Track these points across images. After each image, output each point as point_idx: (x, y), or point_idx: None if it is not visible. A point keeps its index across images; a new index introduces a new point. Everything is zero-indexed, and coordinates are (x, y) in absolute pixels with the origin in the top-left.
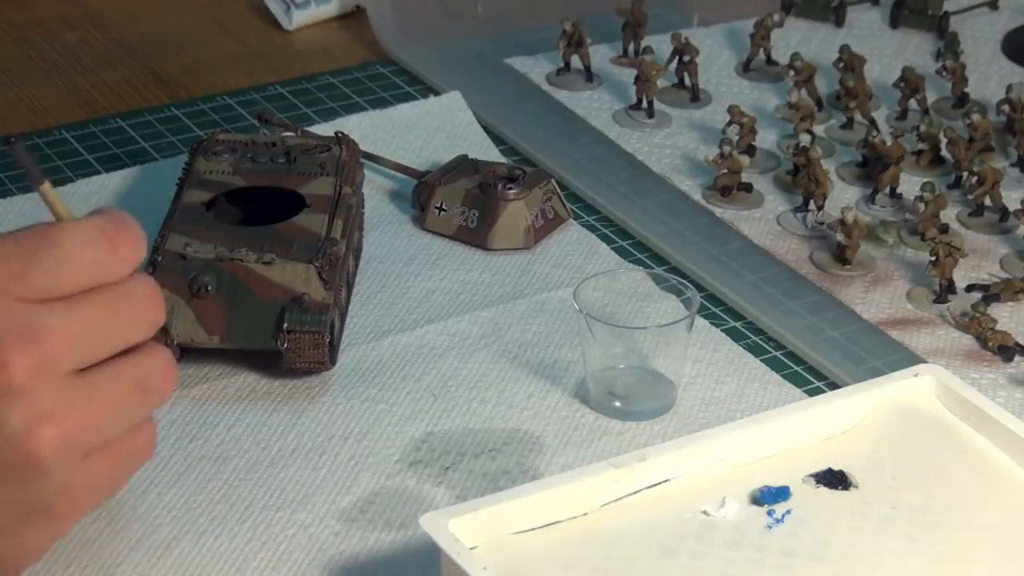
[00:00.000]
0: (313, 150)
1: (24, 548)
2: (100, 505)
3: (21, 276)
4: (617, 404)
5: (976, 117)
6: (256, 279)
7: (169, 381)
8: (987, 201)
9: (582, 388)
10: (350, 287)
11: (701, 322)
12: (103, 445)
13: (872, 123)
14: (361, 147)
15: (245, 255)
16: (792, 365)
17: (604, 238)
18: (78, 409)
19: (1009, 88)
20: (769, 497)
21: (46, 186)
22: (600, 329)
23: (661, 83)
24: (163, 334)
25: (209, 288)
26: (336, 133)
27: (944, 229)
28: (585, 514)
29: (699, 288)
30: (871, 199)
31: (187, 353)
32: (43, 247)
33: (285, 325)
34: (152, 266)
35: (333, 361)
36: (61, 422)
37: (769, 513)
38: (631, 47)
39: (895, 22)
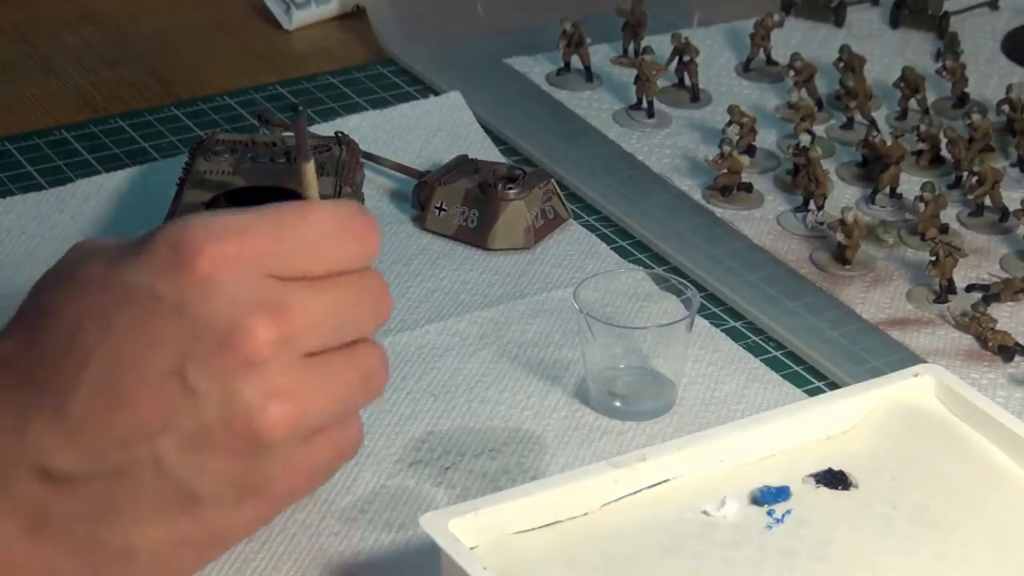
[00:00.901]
0: (313, 150)
1: (237, 525)
2: (311, 493)
3: (275, 253)
4: (617, 404)
5: (976, 117)
6: None
7: (385, 376)
8: (987, 201)
9: (582, 388)
10: None
11: (701, 322)
12: (324, 431)
13: (872, 123)
14: (361, 147)
15: None
16: (792, 365)
17: (604, 238)
18: (310, 391)
19: (1009, 88)
20: (769, 497)
21: (310, 165)
22: (600, 329)
23: (661, 83)
24: None
25: None
26: (336, 133)
27: (944, 229)
28: (585, 514)
29: (699, 288)
30: (871, 199)
31: None
32: (298, 226)
33: None
34: None
35: None
36: (293, 402)
37: (769, 513)
38: (631, 47)
39: (895, 22)
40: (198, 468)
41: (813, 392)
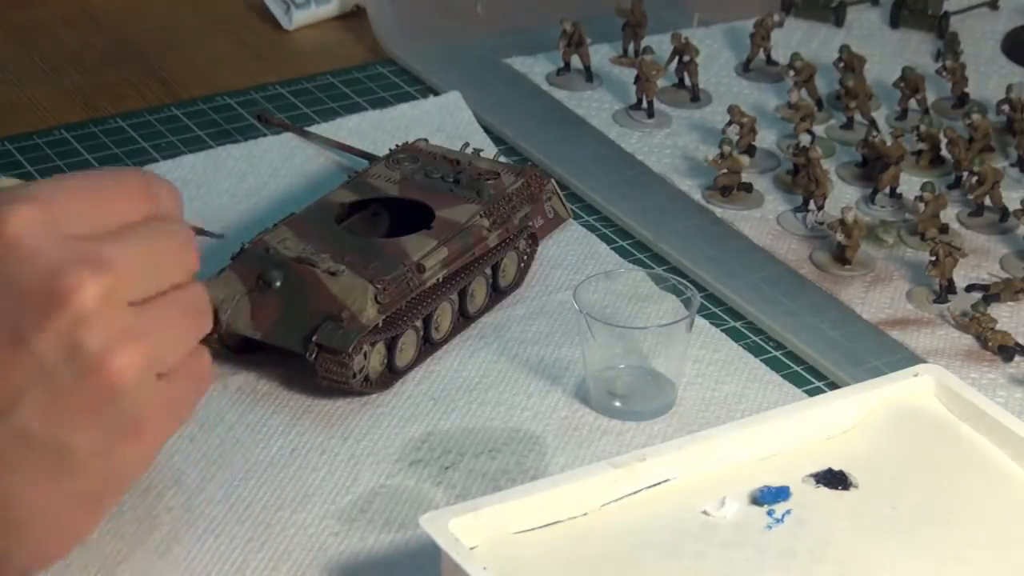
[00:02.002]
0: (483, 175)
1: (120, 469)
2: (179, 428)
3: (78, 211)
4: (617, 404)
5: (976, 117)
6: (317, 286)
7: (208, 310)
8: (987, 201)
9: (582, 388)
10: (467, 319)
11: (701, 322)
12: (173, 367)
13: (872, 123)
14: (361, 147)
15: (321, 261)
16: (792, 365)
17: (604, 238)
18: (147, 331)
19: (1009, 88)
20: (769, 497)
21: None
22: (600, 329)
23: (661, 83)
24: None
25: (276, 284)
26: (528, 166)
27: (944, 229)
28: (585, 514)
29: (699, 288)
30: (871, 199)
31: None
32: (91, 187)
33: (315, 337)
34: (240, 251)
35: (382, 386)
36: (137, 343)
37: (769, 513)
38: (631, 47)
39: (895, 22)
40: (65, 427)
41: (813, 392)
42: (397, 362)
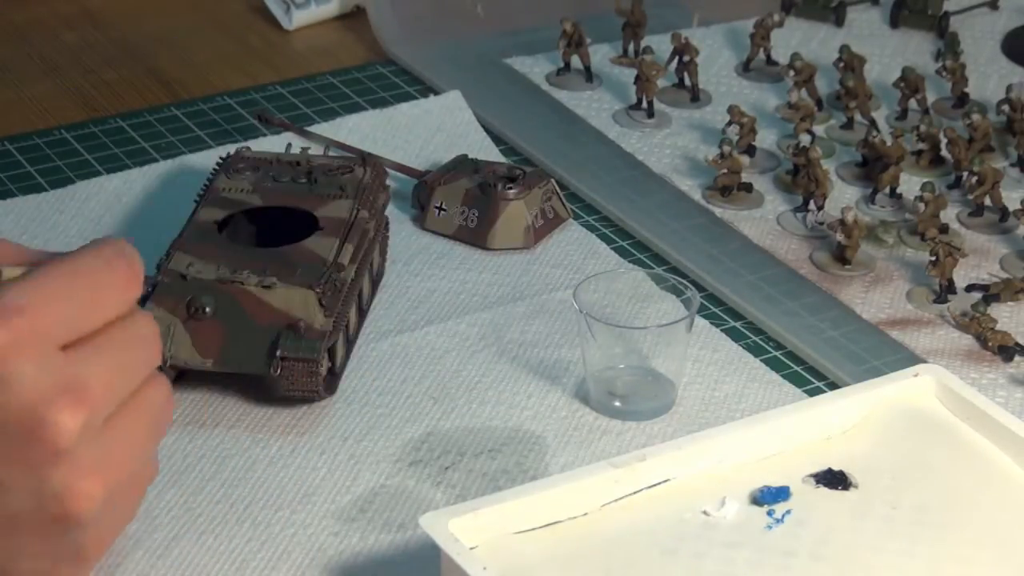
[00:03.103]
0: (336, 171)
1: None
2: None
3: (59, 320)
4: (617, 404)
5: (976, 117)
6: (255, 303)
7: (170, 411)
8: (987, 201)
9: (582, 388)
10: (363, 312)
11: (701, 322)
12: (128, 484)
13: (872, 123)
14: (361, 147)
15: (246, 277)
16: (792, 365)
17: (604, 238)
18: (113, 459)
19: (1009, 88)
20: (769, 497)
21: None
22: (600, 329)
23: (661, 83)
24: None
25: (207, 310)
26: (362, 153)
27: (944, 229)
28: (585, 514)
29: (699, 288)
30: (871, 199)
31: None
32: (73, 285)
33: (278, 352)
34: (152, 286)
35: (331, 390)
36: (101, 477)
37: (769, 513)
38: (631, 47)
39: (895, 22)
40: (11, 552)
41: (813, 392)
42: (336, 364)
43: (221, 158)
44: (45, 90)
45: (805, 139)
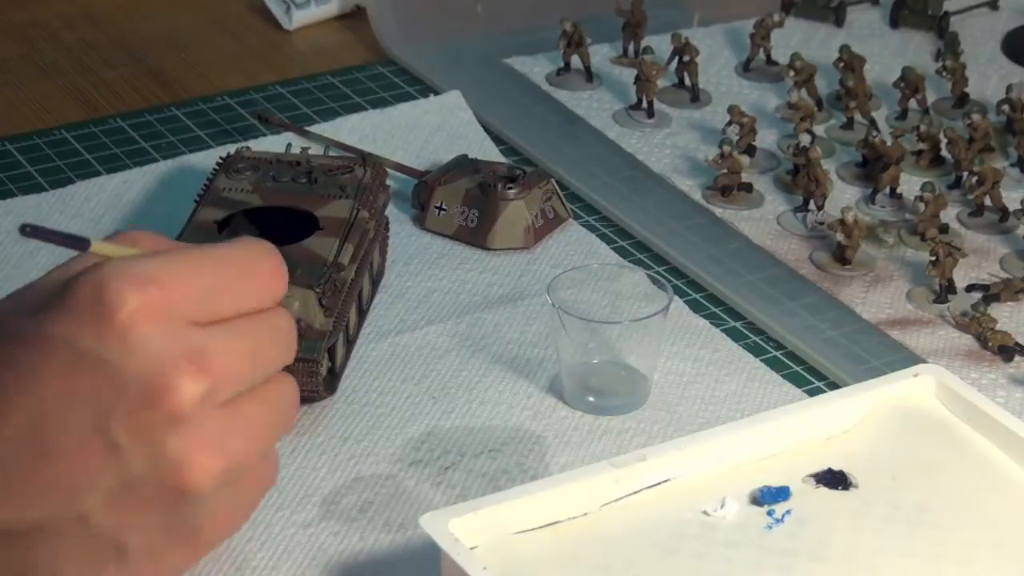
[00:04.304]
0: (336, 171)
1: (167, 571)
2: (236, 531)
3: (192, 298)
4: (591, 399)
5: (976, 117)
6: None
7: (296, 409)
8: (987, 201)
9: (556, 383)
10: (363, 312)
11: (701, 322)
12: (246, 472)
13: (872, 123)
14: (361, 147)
15: None
16: (792, 365)
17: (604, 238)
18: (234, 438)
19: (1009, 88)
20: (769, 497)
21: (96, 245)
22: (572, 323)
23: (661, 83)
24: None
25: None
26: (363, 153)
27: (944, 229)
28: (585, 514)
29: (699, 288)
30: (871, 199)
31: None
32: (213, 269)
33: None
34: None
35: (331, 390)
36: (219, 452)
37: (769, 513)
38: (631, 47)
39: (895, 22)
40: (125, 523)
41: (813, 392)
42: (336, 364)
43: (221, 158)
44: (45, 90)
45: (805, 139)
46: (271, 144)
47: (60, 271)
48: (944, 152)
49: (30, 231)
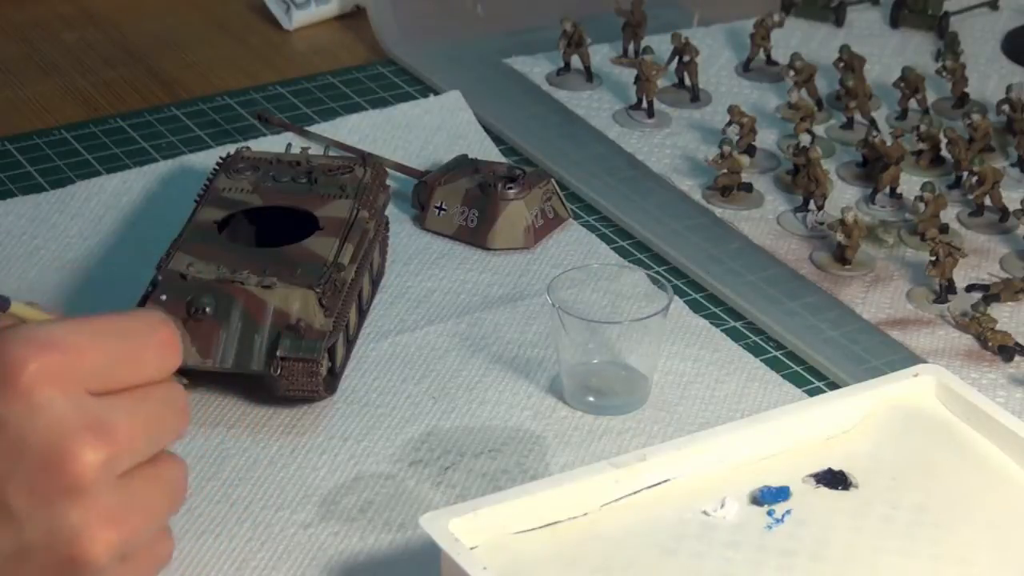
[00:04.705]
0: (336, 171)
1: None
2: None
3: (95, 366)
4: (591, 399)
5: (976, 117)
6: (254, 303)
7: (185, 486)
8: (987, 201)
9: (556, 383)
10: (363, 312)
11: (701, 322)
12: (139, 549)
13: (872, 123)
14: (361, 147)
15: (246, 278)
16: (792, 365)
17: (604, 238)
18: (130, 513)
19: (1009, 88)
20: (769, 497)
21: (14, 307)
22: (573, 324)
23: (661, 83)
24: None
25: (207, 310)
26: (363, 153)
27: (944, 229)
28: (585, 514)
29: (699, 288)
30: (871, 199)
31: None
32: (115, 338)
33: (278, 352)
34: (153, 284)
35: (331, 389)
36: (117, 525)
37: (769, 513)
38: (631, 47)
39: (895, 22)
40: None
41: (813, 392)
42: (336, 364)
43: (221, 158)
44: (45, 90)
45: (805, 139)
46: (271, 144)
47: None
48: (944, 152)
49: None
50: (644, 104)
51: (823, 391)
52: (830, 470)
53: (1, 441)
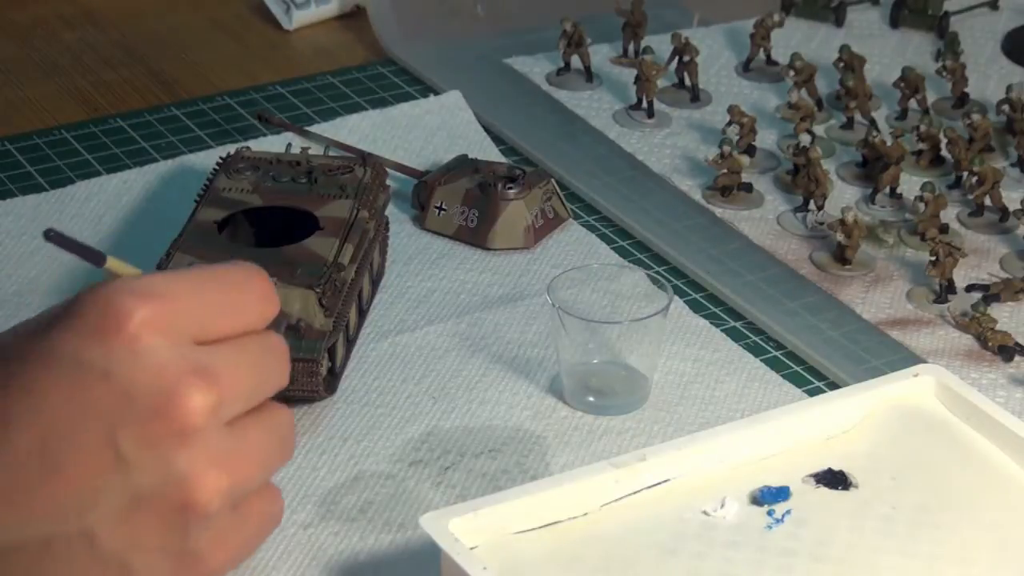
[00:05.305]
0: (336, 171)
1: None
2: (243, 563)
3: (197, 315)
4: (591, 399)
5: (976, 117)
6: None
7: (293, 435)
8: (987, 201)
9: (556, 383)
10: (363, 312)
11: (701, 322)
12: (249, 501)
13: (872, 123)
14: (361, 147)
15: None
16: (792, 365)
17: (604, 238)
18: (240, 459)
19: (1009, 88)
20: (769, 497)
21: (110, 262)
22: (572, 323)
23: (661, 83)
24: None
25: None
26: (363, 153)
27: (944, 229)
28: (585, 514)
29: (699, 288)
30: (871, 199)
31: None
32: (215, 288)
33: None
34: None
35: (331, 390)
36: (227, 470)
37: (769, 513)
38: (631, 47)
39: (895, 22)
40: (131, 543)
41: (813, 392)
42: (336, 364)
43: (221, 158)
44: (45, 90)
45: (805, 139)
46: (271, 144)
47: (55, 305)
48: (944, 152)
49: (53, 236)
50: (644, 104)
51: (823, 391)
52: (830, 470)
53: (110, 389)
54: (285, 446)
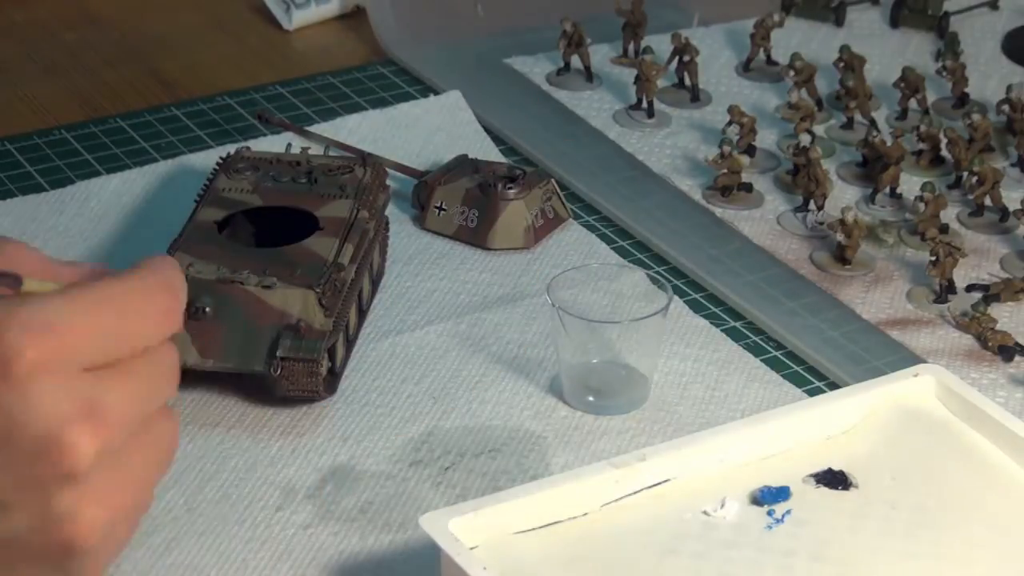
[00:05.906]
0: (336, 171)
1: None
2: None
3: (89, 342)
4: (591, 399)
5: (976, 117)
6: (255, 303)
7: (175, 447)
8: (987, 201)
9: (556, 383)
10: (363, 312)
11: (701, 322)
12: (129, 515)
13: (872, 123)
14: (361, 147)
15: (246, 278)
16: (792, 365)
17: (604, 238)
18: (120, 490)
19: (1009, 88)
20: (769, 497)
21: (27, 284)
22: (572, 323)
23: (661, 83)
24: None
25: (207, 310)
26: (363, 153)
27: (944, 229)
28: (585, 514)
29: (699, 288)
30: (871, 199)
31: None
32: (111, 310)
33: (279, 352)
34: None
35: (331, 390)
36: (106, 506)
37: (769, 513)
38: (631, 47)
39: (895, 22)
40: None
41: (813, 392)
42: (336, 364)
43: (221, 158)
44: (45, 90)
45: (805, 139)
46: (271, 144)
47: None
48: (944, 152)
49: None
50: (644, 104)
51: (823, 391)
52: (830, 470)
53: None
54: (166, 457)
